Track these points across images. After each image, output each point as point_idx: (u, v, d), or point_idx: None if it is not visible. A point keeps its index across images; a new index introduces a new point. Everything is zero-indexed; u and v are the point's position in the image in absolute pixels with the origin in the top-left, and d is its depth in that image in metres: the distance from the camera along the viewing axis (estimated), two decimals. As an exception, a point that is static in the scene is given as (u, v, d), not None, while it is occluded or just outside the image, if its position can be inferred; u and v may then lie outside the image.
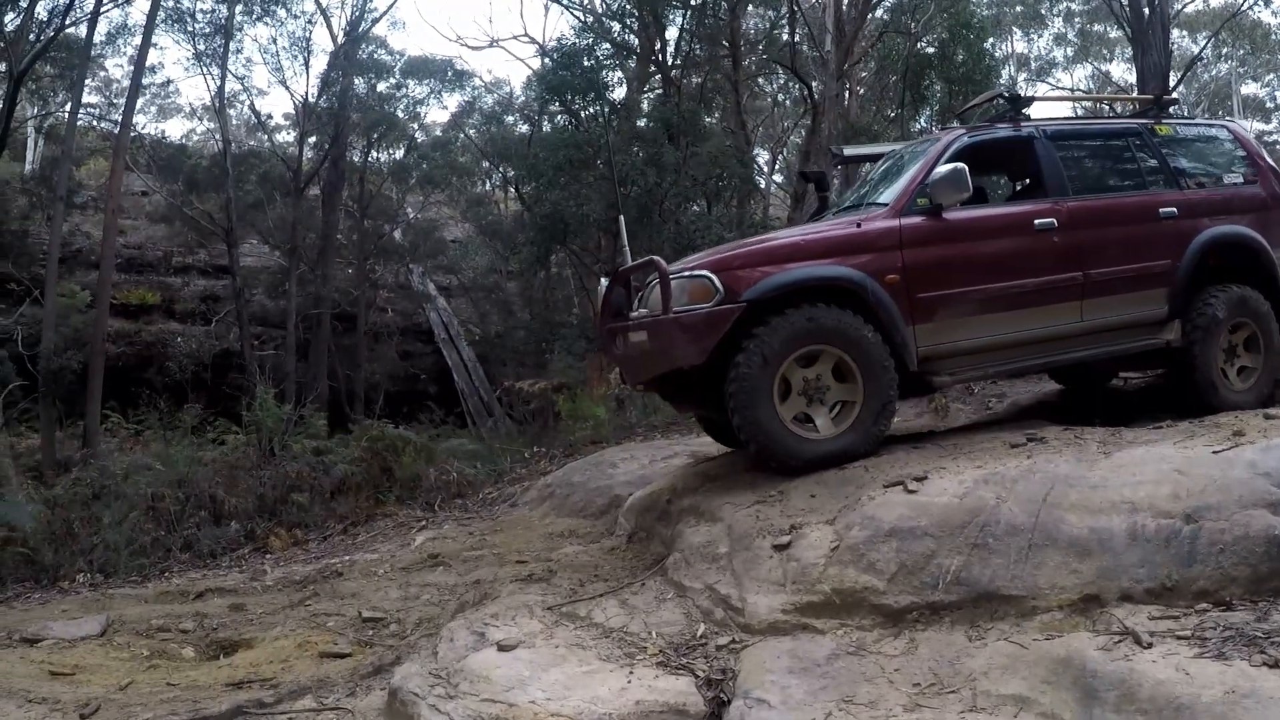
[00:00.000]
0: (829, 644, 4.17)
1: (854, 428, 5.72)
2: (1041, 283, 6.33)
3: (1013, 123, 6.96)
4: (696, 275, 5.77)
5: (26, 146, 28.56)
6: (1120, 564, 4.07)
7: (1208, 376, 6.71)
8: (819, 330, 5.63)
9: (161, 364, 22.22)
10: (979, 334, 6.24)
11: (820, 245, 6.02)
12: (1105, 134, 7.30)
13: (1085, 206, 6.62)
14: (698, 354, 5.65)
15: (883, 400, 5.77)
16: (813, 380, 5.74)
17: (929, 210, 6.17)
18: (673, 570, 5.16)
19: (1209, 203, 7.07)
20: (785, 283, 5.71)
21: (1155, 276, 6.70)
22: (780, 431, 5.60)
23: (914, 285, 5.97)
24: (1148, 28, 17.22)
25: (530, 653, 4.33)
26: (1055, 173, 6.71)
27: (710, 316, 5.60)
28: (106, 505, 10.53)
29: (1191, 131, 7.60)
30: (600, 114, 18.38)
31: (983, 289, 6.18)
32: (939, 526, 4.45)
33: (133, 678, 5.72)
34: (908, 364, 5.92)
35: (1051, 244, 6.39)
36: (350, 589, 7.73)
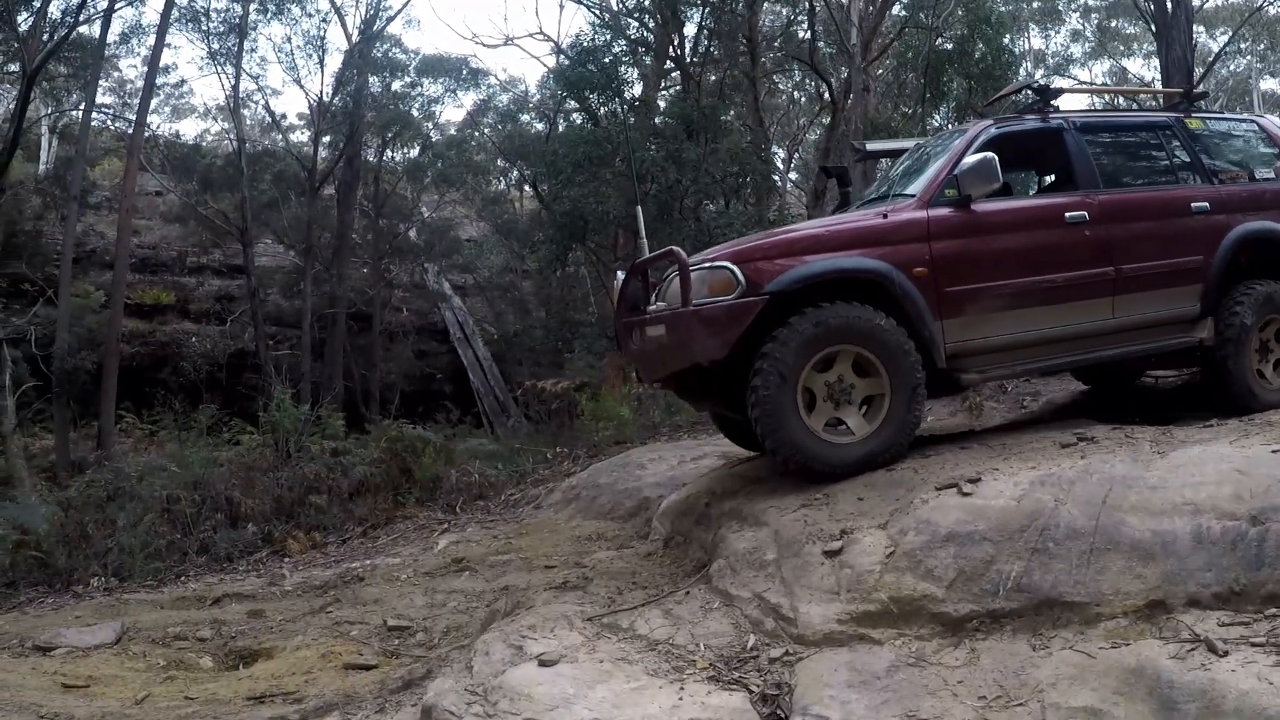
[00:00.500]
0: (888, 655, 3.99)
1: (885, 425, 5.52)
2: (1073, 278, 6.14)
3: (1040, 114, 6.79)
4: (718, 266, 5.58)
5: (41, 147, 28.58)
6: (1185, 568, 3.90)
7: (1242, 376, 6.52)
8: (844, 328, 5.44)
9: (176, 364, 22.19)
10: (1009, 330, 6.05)
11: (845, 236, 5.86)
12: (1136, 127, 7.16)
13: (1116, 200, 6.45)
14: (719, 348, 5.45)
15: (911, 398, 5.55)
16: (835, 383, 5.55)
17: (957, 202, 6.00)
18: (717, 578, 4.95)
19: (1240, 198, 6.88)
20: (809, 274, 5.53)
21: (1187, 273, 6.51)
22: (808, 439, 5.41)
23: (942, 278, 5.79)
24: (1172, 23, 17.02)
25: (573, 668, 4.14)
26: (1085, 165, 6.54)
27: (732, 309, 5.42)
28: (121, 507, 10.46)
29: (1221, 126, 7.44)
30: (618, 111, 18.26)
31: (1013, 283, 5.99)
32: (997, 530, 4.27)
33: (149, 690, 5.57)
34: (936, 360, 5.73)
35: (1083, 237, 6.22)
36: (373, 595, 7.58)
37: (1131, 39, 34.83)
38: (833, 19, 19.62)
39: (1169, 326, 6.54)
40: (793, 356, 5.34)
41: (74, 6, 17.56)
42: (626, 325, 6.40)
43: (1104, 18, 34.58)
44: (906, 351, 5.53)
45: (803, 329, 5.37)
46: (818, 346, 5.41)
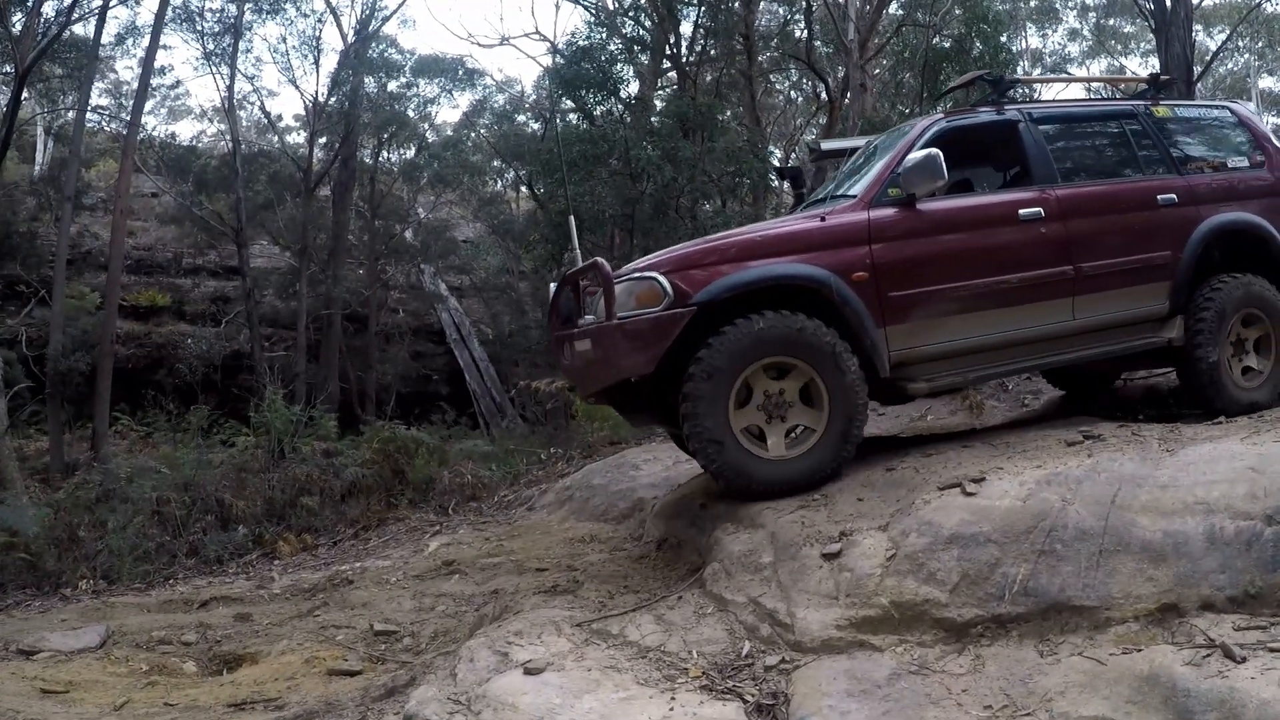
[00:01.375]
0: (889, 663, 3.85)
1: (815, 450, 5.30)
2: (1028, 278, 5.89)
3: (995, 106, 6.52)
4: (645, 277, 5.35)
5: (36, 148, 28.53)
6: (1199, 570, 3.78)
7: (1216, 376, 6.26)
8: (775, 339, 5.21)
9: (172, 366, 22.10)
10: (959, 335, 5.78)
11: (780, 242, 5.58)
12: (1097, 116, 6.86)
13: (1076, 194, 6.20)
14: (645, 363, 5.23)
15: (849, 417, 5.31)
16: (775, 395, 5.34)
17: (902, 201, 5.76)
18: (711, 582, 4.79)
19: (1212, 188, 6.63)
20: (739, 283, 5.30)
21: (1154, 269, 6.27)
22: (742, 456, 5.22)
23: (885, 283, 5.54)
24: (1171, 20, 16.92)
25: (560, 676, 3.99)
26: (1042, 158, 6.28)
27: (657, 322, 5.20)
28: (111, 509, 10.36)
29: (1192, 113, 7.19)
30: (614, 110, 18.14)
31: (962, 286, 5.73)
32: (1002, 532, 4.14)
33: (129, 696, 5.47)
34: (879, 370, 5.50)
35: (1039, 235, 5.97)
36: (361, 598, 7.48)
37: (1129, 37, 34.84)
38: (830, 17, 19.51)
39: (1136, 326, 6.30)
40: (724, 370, 5.14)
41: (66, 6, 17.43)
42: (558, 339, 6.13)
43: (1102, 16, 34.66)
44: (845, 361, 5.30)
45: (733, 341, 5.16)
46: (750, 359, 5.20)
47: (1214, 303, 6.27)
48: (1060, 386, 8.40)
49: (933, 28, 18.70)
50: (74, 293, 21.31)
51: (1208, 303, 6.28)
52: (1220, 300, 6.29)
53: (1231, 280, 6.39)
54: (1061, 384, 8.34)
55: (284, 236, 23.88)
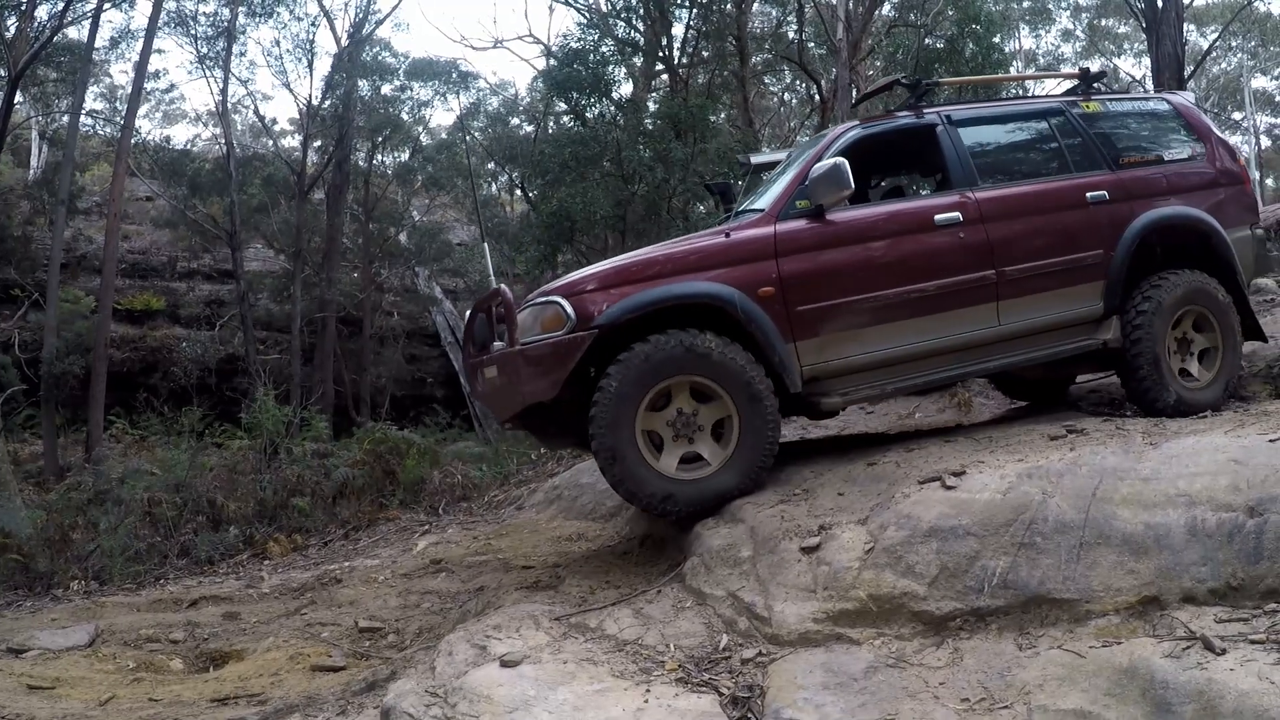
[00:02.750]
0: (866, 655, 3.83)
1: (735, 458, 5.23)
2: (945, 285, 5.74)
3: (914, 110, 6.34)
4: (548, 302, 5.33)
5: (30, 152, 28.54)
6: (1180, 562, 3.76)
7: (1157, 377, 6.08)
8: (681, 358, 5.13)
9: (166, 369, 22.14)
10: (874, 347, 5.65)
11: (684, 260, 5.47)
12: (1021, 115, 6.68)
13: (997, 196, 6.03)
14: (548, 388, 5.19)
15: (760, 427, 5.23)
16: (679, 417, 5.28)
17: (810, 213, 5.64)
18: (691, 576, 4.77)
19: (1147, 183, 6.43)
20: (640, 304, 5.22)
21: (1085, 269, 6.11)
22: (651, 477, 5.16)
23: (793, 297, 5.44)
24: (1162, 19, 16.95)
25: (536, 669, 3.98)
26: (961, 161, 6.13)
27: (557, 347, 5.17)
28: (103, 511, 10.37)
29: (1125, 107, 6.91)
30: (606, 111, 18.14)
31: (875, 296, 5.59)
32: (982, 525, 4.11)
33: (114, 692, 5.48)
34: (789, 386, 5.41)
35: (957, 241, 5.81)
36: (348, 596, 7.49)
37: (1122, 38, 34.99)
38: (821, 19, 19.50)
39: (1069, 329, 6.16)
40: (628, 392, 5.09)
41: (60, 10, 17.43)
42: (471, 366, 6.08)
43: (1094, 16, 34.78)
44: (751, 379, 5.20)
45: (636, 362, 5.11)
46: (655, 379, 5.14)
47: (1151, 301, 6.12)
48: (1014, 396, 8.24)
49: (924, 29, 18.69)
50: (68, 296, 21.34)
51: (1145, 301, 6.13)
52: (1158, 298, 6.13)
53: (1171, 277, 6.24)
54: (1015, 393, 8.19)
55: (278, 240, 23.92)
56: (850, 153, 5.90)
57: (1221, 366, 6.38)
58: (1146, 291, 6.16)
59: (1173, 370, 6.19)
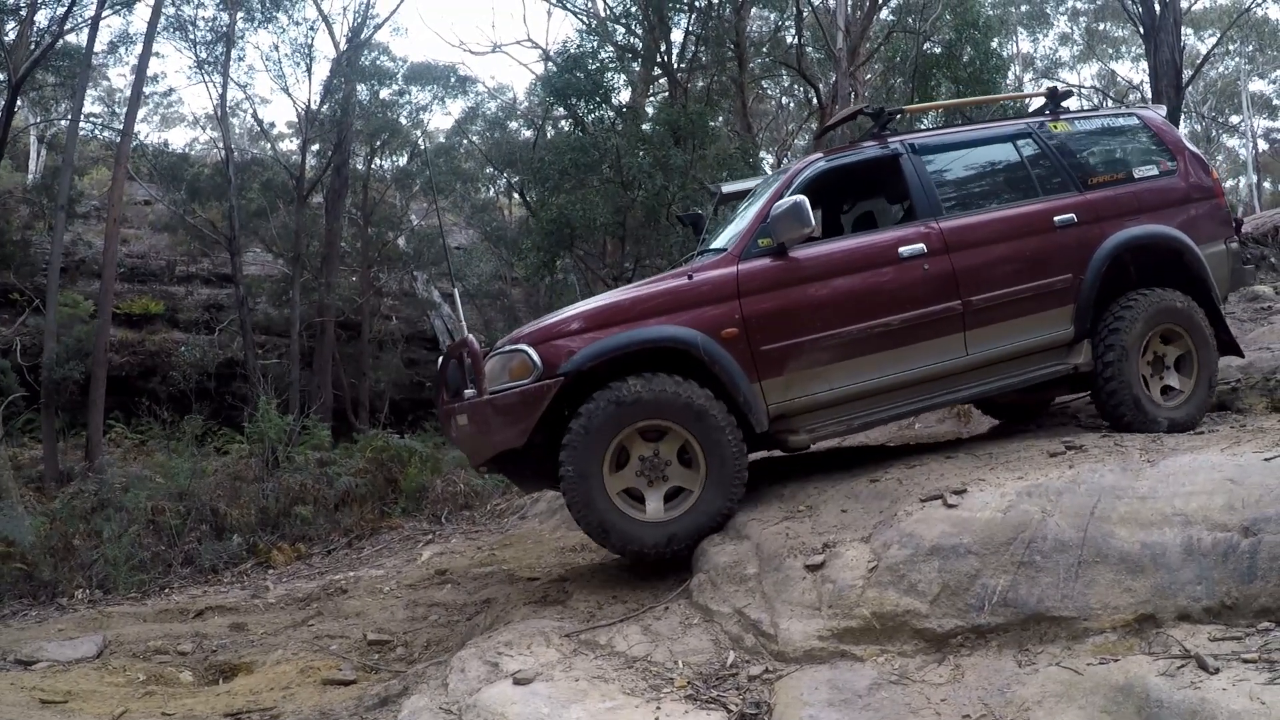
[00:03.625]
0: (870, 672, 3.91)
1: (694, 509, 5.33)
2: (910, 318, 5.75)
3: (879, 140, 6.34)
4: (515, 350, 5.42)
5: (29, 156, 28.53)
6: (1176, 581, 3.81)
7: (1131, 399, 6.04)
8: (646, 403, 5.22)
9: (165, 373, 22.14)
10: (840, 383, 5.69)
11: (648, 304, 5.53)
12: (985, 140, 6.59)
13: (962, 226, 6.02)
14: (517, 436, 5.32)
15: (726, 476, 5.32)
16: (651, 458, 5.38)
17: (773, 251, 5.68)
18: (697, 593, 4.87)
19: (1117, 202, 6.38)
20: (604, 350, 5.32)
21: (1054, 294, 6.09)
22: (619, 520, 5.27)
23: (756, 337, 5.50)
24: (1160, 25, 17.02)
25: (548, 686, 4.06)
26: (925, 191, 6.12)
27: (524, 395, 5.27)
28: (107, 519, 10.42)
29: (1094, 125, 6.82)
30: (605, 118, 18.17)
31: (839, 333, 5.63)
32: (982, 544, 4.18)
33: (126, 706, 5.52)
34: (754, 426, 5.48)
35: (921, 273, 5.82)
36: (355, 607, 7.54)
37: (1120, 42, 35.00)
38: (819, 24, 19.57)
39: (1039, 354, 6.15)
40: (594, 437, 5.20)
41: (60, 16, 17.45)
42: (445, 413, 6.07)
43: (1092, 20, 34.79)
44: (716, 420, 5.28)
45: (601, 408, 5.20)
46: (620, 425, 5.23)
47: (1123, 323, 6.11)
48: (994, 415, 8.24)
49: (923, 34, 18.76)
50: (68, 301, 21.32)
51: (1117, 322, 6.12)
52: (1129, 320, 6.12)
53: (1142, 297, 6.21)
54: (994, 413, 8.20)
55: (277, 244, 23.92)
56: (814, 186, 6.00)
57: (1197, 384, 6.36)
58: (1117, 313, 6.15)
59: (1146, 390, 6.18)
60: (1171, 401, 6.28)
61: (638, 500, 5.38)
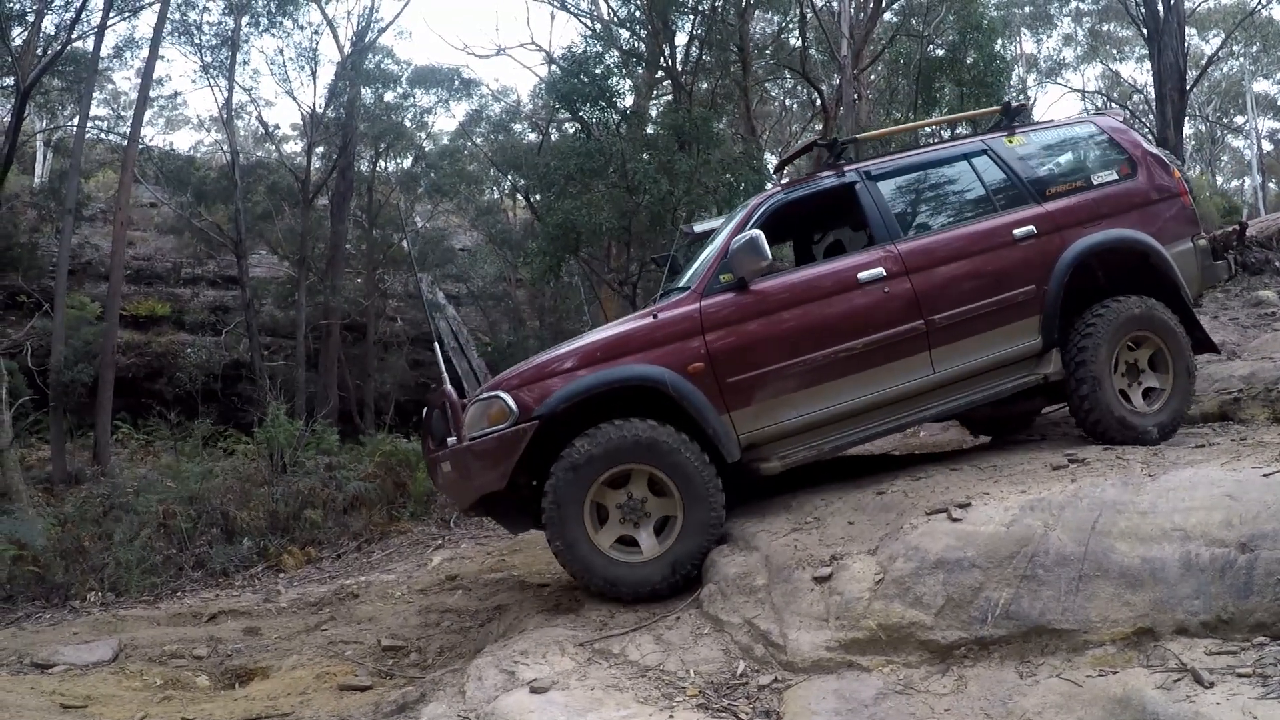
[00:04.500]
0: (875, 683, 4.01)
1: (682, 536, 5.44)
2: (874, 341, 5.85)
3: (835, 170, 6.42)
4: (491, 397, 5.60)
5: (36, 160, 28.61)
6: (1174, 595, 3.89)
7: (1105, 407, 6.09)
8: (623, 446, 5.38)
9: (172, 375, 22.20)
10: (808, 409, 5.80)
11: (617, 345, 5.71)
12: (939, 161, 6.64)
13: (919, 247, 6.12)
14: (496, 480, 5.48)
15: (705, 504, 5.44)
16: (626, 503, 5.52)
17: (734, 286, 5.83)
18: (708, 603, 4.97)
19: (1077, 211, 6.42)
20: (575, 392, 5.49)
21: (1018, 306, 6.14)
22: (600, 561, 5.41)
23: (722, 370, 5.63)
24: (1164, 27, 17.08)
25: (564, 695, 4.16)
26: (882, 216, 6.23)
27: (502, 440, 5.44)
28: (117, 521, 10.49)
29: (1050, 136, 6.89)
30: (610, 122, 18.23)
31: (803, 360, 5.75)
32: (986, 557, 4.28)
33: (146, 710, 5.62)
34: (726, 456, 5.60)
35: (881, 296, 5.92)
36: (367, 613, 7.63)
37: (1124, 42, 34.89)
38: (822, 28, 19.61)
39: (1007, 367, 6.20)
40: (574, 481, 5.35)
41: (68, 22, 17.55)
42: (431, 461, 6.27)
43: (1096, 22, 34.66)
44: (689, 458, 5.42)
45: (579, 453, 5.36)
46: (600, 468, 5.38)
47: (1094, 330, 6.15)
48: (981, 433, 8.28)
49: (926, 37, 18.81)
50: (75, 303, 21.43)
51: (1088, 329, 6.16)
52: (1099, 328, 6.16)
53: (1111, 305, 6.25)
54: (983, 429, 8.25)
55: (282, 246, 23.99)
56: (773, 220, 6.15)
57: (1174, 387, 6.39)
58: (1090, 320, 6.20)
59: (1119, 397, 6.21)
60: (1150, 406, 6.31)
61: (631, 544, 5.52)
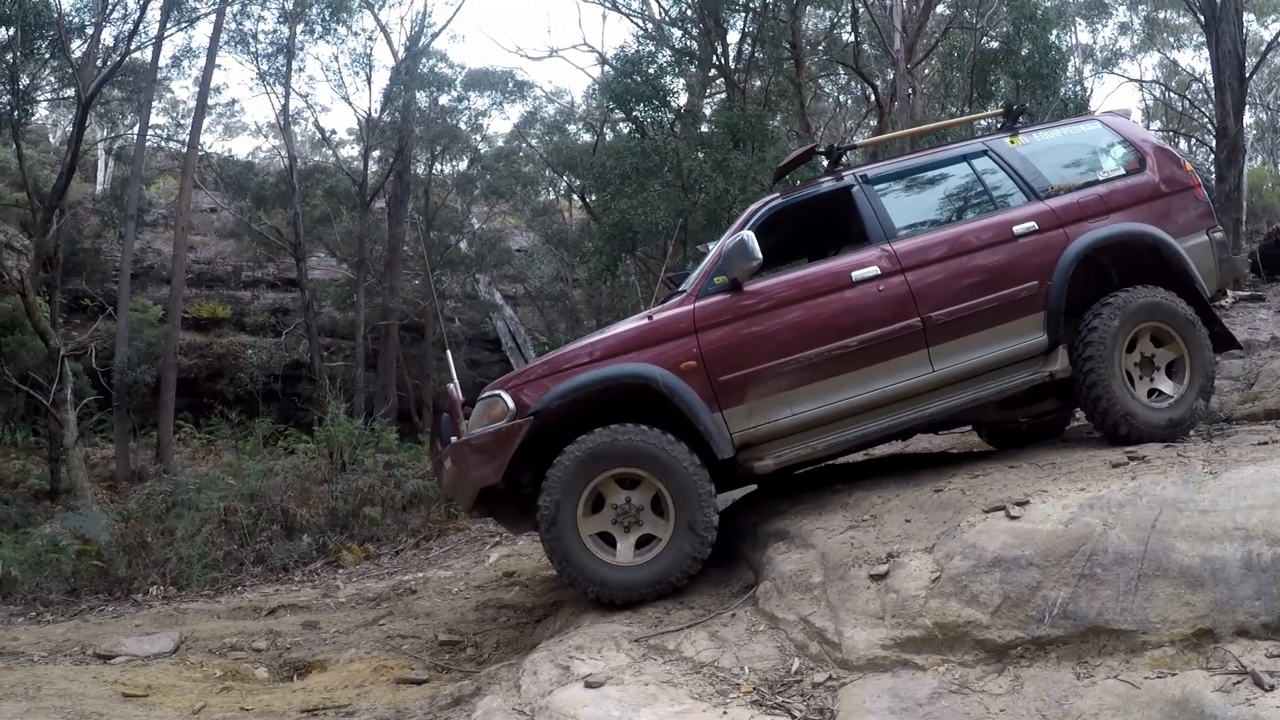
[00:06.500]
0: (931, 682, 3.97)
1: (660, 558, 5.50)
2: (868, 339, 5.81)
3: (834, 175, 6.42)
4: (491, 395, 5.77)
5: (97, 168, 29.21)
6: (1235, 596, 3.80)
7: (1117, 403, 5.87)
8: (610, 453, 5.48)
9: (233, 375, 22.61)
10: (802, 408, 5.78)
11: (612, 345, 5.82)
12: (938, 164, 6.62)
13: (915, 246, 6.07)
14: (493, 473, 5.61)
15: (696, 507, 5.47)
16: (623, 505, 5.59)
17: (728, 288, 5.88)
18: (763, 600, 4.96)
19: (1081, 207, 6.28)
20: (569, 389, 5.60)
21: (1021, 303, 6.02)
22: (593, 563, 5.49)
23: (714, 369, 5.69)
24: (1221, 14, 16.74)
25: (619, 690, 4.18)
26: (877, 218, 6.20)
27: (498, 435, 5.59)
28: (179, 518, 10.69)
29: (1053, 136, 6.78)
30: (664, 121, 18.24)
31: (795, 359, 5.75)
32: (1044, 556, 4.21)
33: (205, 701, 5.72)
34: (717, 454, 5.61)
35: (876, 294, 5.89)
36: (424, 608, 7.70)
37: (1181, 30, 34.06)
38: (874, 22, 19.47)
39: (1013, 365, 6.07)
40: (567, 484, 5.46)
41: (126, 34, 17.90)
42: (437, 462, 6.41)
43: (1152, 9, 33.87)
44: (677, 459, 5.48)
45: (574, 455, 5.48)
46: (591, 474, 5.48)
47: (1101, 322, 5.99)
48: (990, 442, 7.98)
49: (980, 30, 18.62)
50: (138, 306, 21.89)
51: (1096, 319, 6.01)
52: (1106, 320, 5.99)
53: (1118, 297, 6.09)
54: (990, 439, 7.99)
55: (341, 249, 24.33)
56: (771, 224, 6.20)
57: (1190, 381, 6.14)
58: (1095, 315, 6.05)
59: (1133, 392, 6.03)
60: (1163, 401, 6.09)
61: (612, 544, 5.60)
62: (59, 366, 14.62)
